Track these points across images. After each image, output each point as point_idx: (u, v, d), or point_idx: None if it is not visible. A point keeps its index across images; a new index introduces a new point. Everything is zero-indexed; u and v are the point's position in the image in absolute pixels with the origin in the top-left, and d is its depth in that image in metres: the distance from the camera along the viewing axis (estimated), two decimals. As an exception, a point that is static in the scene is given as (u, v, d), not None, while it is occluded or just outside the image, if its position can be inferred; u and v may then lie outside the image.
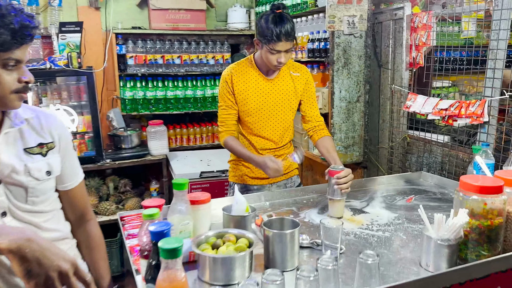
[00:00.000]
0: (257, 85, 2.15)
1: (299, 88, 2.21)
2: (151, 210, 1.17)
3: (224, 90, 2.15)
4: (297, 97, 2.22)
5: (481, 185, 1.36)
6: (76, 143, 3.25)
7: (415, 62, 2.55)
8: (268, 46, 1.98)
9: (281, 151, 2.28)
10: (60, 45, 3.28)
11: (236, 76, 2.14)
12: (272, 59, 2.01)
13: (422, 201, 2.08)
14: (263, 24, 1.98)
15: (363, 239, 1.66)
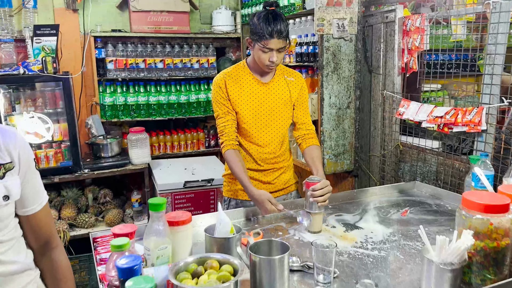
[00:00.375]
0: (251, 90, 2.03)
1: (294, 93, 2.10)
2: (120, 240, 1.03)
3: (218, 97, 2.02)
4: (292, 103, 2.12)
5: (486, 203, 1.25)
6: (51, 152, 3.07)
7: (407, 67, 2.45)
8: (260, 43, 1.88)
9: (281, 163, 2.16)
10: (35, 49, 3.11)
11: (230, 80, 2.01)
12: (264, 58, 1.91)
13: (418, 214, 1.97)
14: (255, 21, 1.89)
15: (357, 259, 1.53)
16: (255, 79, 2.04)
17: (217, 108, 2.03)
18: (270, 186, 2.14)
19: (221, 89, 2.01)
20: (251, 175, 2.10)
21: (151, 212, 1.36)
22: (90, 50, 3.48)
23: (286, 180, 2.17)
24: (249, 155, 2.08)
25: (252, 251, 1.33)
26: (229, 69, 2.07)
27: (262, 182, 2.12)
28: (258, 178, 2.11)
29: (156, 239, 1.35)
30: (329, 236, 1.73)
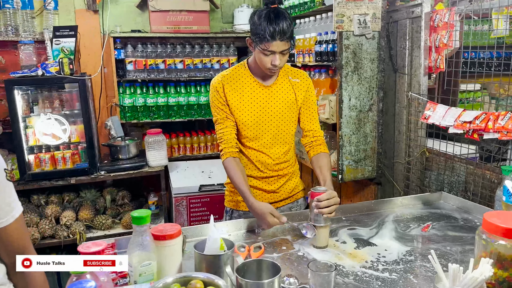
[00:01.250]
0: (252, 94, 1.88)
1: (299, 96, 1.94)
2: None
3: (216, 101, 1.87)
4: (298, 106, 1.95)
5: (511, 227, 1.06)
6: (68, 154, 3.07)
7: (435, 66, 2.24)
8: (261, 46, 1.72)
9: (286, 170, 1.99)
10: (54, 50, 3.12)
11: (228, 84, 1.86)
12: (266, 61, 1.76)
13: (441, 229, 1.78)
14: (256, 21, 1.73)
15: (364, 282, 1.37)
16: (257, 81, 1.89)
17: (215, 113, 1.90)
18: (275, 195, 2.00)
19: (219, 93, 1.86)
20: (254, 184, 1.96)
21: (134, 226, 1.26)
22: (109, 51, 3.46)
23: (292, 188, 2.02)
24: (251, 162, 1.94)
25: (240, 273, 1.21)
26: (228, 71, 1.93)
27: (266, 191, 1.98)
28: (261, 187, 1.97)
29: (139, 255, 1.26)
30: (337, 253, 1.58)
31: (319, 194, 1.59)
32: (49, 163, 3.05)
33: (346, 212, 1.95)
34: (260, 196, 1.97)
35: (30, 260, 0.95)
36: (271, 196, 1.98)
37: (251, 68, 1.90)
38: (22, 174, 2.97)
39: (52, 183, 3.05)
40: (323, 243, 1.62)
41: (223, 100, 1.86)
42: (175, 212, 3.15)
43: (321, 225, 1.60)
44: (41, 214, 3.18)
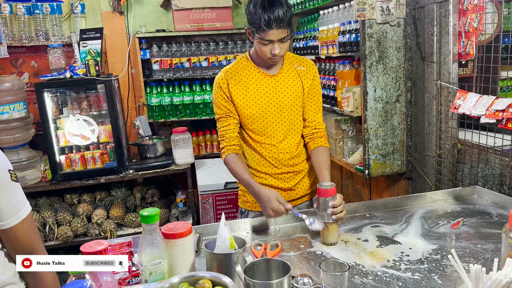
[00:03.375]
0: (258, 85, 1.82)
1: (306, 84, 1.87)
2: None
3: (219, 98, 1.82)
4: (305, 95, 1.89)
5: (541, 224, 0.96)
6: (97, 154, 3.14)
7: (465, 52, 2.10)
8: (258, 35, 1.66)
9: (300, 165, 1.93)
10: (82, 53, 3.19)
11: (232, 79, 1.81)
12: (265, 51, 1.70)
13: (473, 226, 1.66)
14: (251, 9, 1.66)
15: (384, 283, 1.30)
16: (261, 72, 1.83)
17: (218, 110, 1.84)
18: (292, 192, 1.94)
19: (222, 89, 1.81)
20: (270, 182, 1.90)
21: (143, 225, 1.25)
22: (135, 51, 3.51)
23: (309, 185, 1.96)
24: (264, 158, 1.88)
25: (249, 272, 1.17)
26: (230, 65, 1.87)
27: (283, 190, 1.91)
28: (277, 185, 1.90)
29: (148, 254, 1.25)
30: (357, 252, 1.51)
31: (326, 191, 1.56)
32: (80, 163, 3.13)
33: (371, 209, 1.87)
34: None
35: (30, 260, 0.95)
36: (287, 194, 1.93)
37: (253, 59, 1.85)
38: (54, 174, 3.06)
39: (82, 182, 3.13)
40: (333, 239, 1.57)
41: (227, 97, 1.81)
42: (201, 209, 3.16)
43: (331, 222, 1.55)
44: (74, 212, 3.28)
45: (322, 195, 1.56)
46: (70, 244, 3.13)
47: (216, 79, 1.85)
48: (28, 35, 3.28)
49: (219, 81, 1.83)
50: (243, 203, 2.00)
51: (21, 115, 3.01)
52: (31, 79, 3.49)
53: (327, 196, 1.55)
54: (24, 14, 3.21)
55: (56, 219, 3.18)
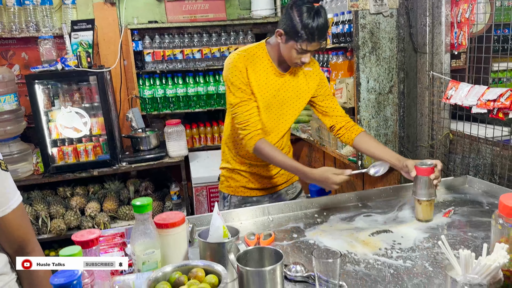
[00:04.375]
0: (268, 79, 1.81)
1: (312, 84, 1.89)
2: (70, 250, 0.92)
3: (238, 81, 1.75)
4: (309, 95, 1.91)
5: (530, 210, 0.98)
6: (90, 146, 3.12)
7: (457, 43, 2.11)
8: (298, 44, 1.65)
9: None
10: (73, 44, 3.16)
11: (250, 66, 1.78)
12: (296, 58, 1.71)
13: (465, 215, 1.68)
14: (296, 18, 1.63)
15: (376, 270, 1.31)
16: (273, 67, 1.82)
17: (237, 94, 1.76)
18: (273, 180, 1.99)
19: (242, 73, 1.76)
20: (255, 170, 1.94)
21: (136, 215, 1.25)
22: (127, 43, 3.48)
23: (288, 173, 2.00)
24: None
25: (242, 261, 1.17)
26: (248, 50, 1.81)
27: (265, 177, 1.96)
28: (261, 173, 1.95)
29: (141, 243, 1.25)
30: (350, 240, 1.52)
31: (427, 169, 1.59)
32: (72, 156, 3.11)
33: (364, 199, 1.88)
34: (259, 181, 1.96)
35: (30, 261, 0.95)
36: (269, 182, 1.97)
37: (270, 53, 1.82)
38: (46, 167, 3.04)
39: (75, 175, 3.12)
40: (430, 216, 1.63)
41: (246, 81, 1.76)
42: (195, 202, 3.16)
43: (432, 199, 1.61)
44: (67, 205, 3.27)
45: (423, 173, 1.60)
46: (63, 237, 3.12)
47: (234, 63, 1.76)
48: (18, 26, 3.24)
49: (239, 65, 1.76)
50: (226, 188, 2.01)
51: (12, 108, 2.98)
52: (21, 71, 3.46)
53: (428, 175, 1.60)
54: (14, 5, 3.17)
55: (49, 212, 3.17)
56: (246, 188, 1.96)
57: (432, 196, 1.61)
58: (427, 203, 1.61)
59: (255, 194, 1.98)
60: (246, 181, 1.95)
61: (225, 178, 2.01)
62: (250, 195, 1.98)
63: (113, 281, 1.15)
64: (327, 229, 1.62)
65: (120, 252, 1.38)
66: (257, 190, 1.98)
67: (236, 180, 1.96)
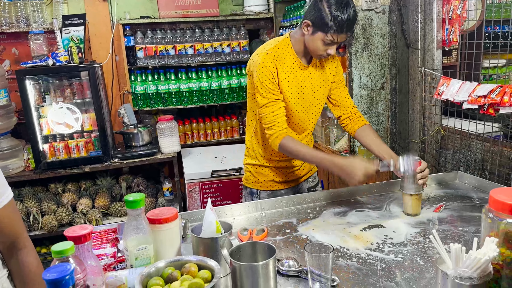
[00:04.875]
0: (294, 74, 1.82)
1: (329, 74, 1.90)
2: (62, 245, 0.91)
3: (268, 81, 1.73)
4: (328, 85, 1.92)
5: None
6: (82, 142, 3.10)
7: (448, 39, 2.12)
8: (326, 35, 1.66)
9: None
10: (64, 39, 3.13)
11: (279, 64, 1.78)
12: (321, 49, 1.71)
13: (455, 209, 1.70)
14: (325, 8, 1.64)
15: (367, 265, 1.32)
16: (298, 61, 1.82)
17: (265, 94, 1.75)
18: (298, 172, 2.02)
19: (272, 73, 1.75)
20: (282, 165, 1.96)
21: (128, 210, 1.25)
22: (119, 38, 3.45)
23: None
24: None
25: (235, 256, 1.18)
26: (274, 48, 1.80)
27: (291, 170, 1.99)
28: (287, 165, 1.97)
29: (134, 239, 1.24)
30: (342, 235, 1.53)
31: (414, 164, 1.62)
32: (64, 152, 3.09)
33: (356, 194, 1.89)
34: (286, 174, 1.98)
35: None
36: (294, 174, 2.00)
37: (294, 47, 1.81)
38: (37, 163, 3.02)
39: (67, 171, 3.09)
40: (418, 210, 1.65)
41: (276, 81, 1.77)
42: (188, 198, 3.16)
43: (419, 193, 1.63)
44: (59, 202, 3.24)
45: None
46: (55, 233, 3.10)
47: (264, 63, 1.75)
48: (8, 21, 3.20)
49: (269, 65, 1.75)
50: (254, 183, 2.00)
51: (2, 103, 2.94)
52: (12, 67, 3.42)
53: (414, 169, 1.62)
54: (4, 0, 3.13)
55: (40, 209, 3.14)
56: (275, 182, 1.98)
57: (419, 190, 1.63)
58: (415, 197, 1.63)
59: (283, 187, 2.00)
60: (274, 175, 1.97)
61: (252, 174, 2.00)
62: (279, 189, 1.99)
63: (105, 277, 1.15)
64: (319, 224, 1.63)
65: (112, 248, 1.38)
66: (284, 183, 2.00)
67: (264, 175, 1.97)
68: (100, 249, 1.42)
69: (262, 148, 1.94)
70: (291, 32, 1.85)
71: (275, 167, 1.97)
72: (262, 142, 1.94)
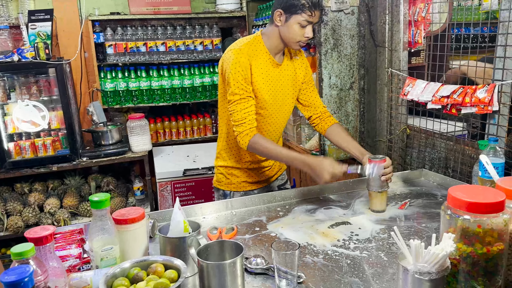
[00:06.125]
0: (267, 71, 1.80)
1: (299, 74, 1.91)
2: (22, 247, 0.89)
3: (240, 77, 1.71)
4: (299, 86, 1.93)
5: (475, 201, 1.03)
6: (49, 141, 3.03)
7: (414, 41, 2.18)
8: (301, 15, 1.66)
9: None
10: (31, 35, 3.04)
11: (253, 61, 1.76)
12: (300, 34, 1.70)
13: (419, 206, 1.75)
14: None
15: (333, 261, 1.35)
16: (271, 59, 1.81)
17: (237, 90, 1.72)
18: (268, 172, 2.02)
19: (246, 69, 1.73)
20: (250, 166, 1.96)
21: (93, 210, 1.23)
22: (88, 34, 3.38)
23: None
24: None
25: (203, 255, 1.18)
26: (247, 45, 1.78)
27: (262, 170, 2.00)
28: (256, 166, 1.97)
29: (99, 239, 1.23)
30: (310, 232, 1.55)
31: (378, 162, 1.66)
32: (30, 151, 3.01)
33: (325, 192, 1.92)
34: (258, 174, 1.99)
35: None
36: (265, 174, 2.01)
37: (266, 44, 1.80)
38: (2, 162, 2.93)
39: (33, 170, 3.01)
40: (383, 206, 1.69)
41: (249, 78, 1.74)
42: (160, 197, 3.13)
43: (384, 190, 1.67)
44: (25, 202, 3.16)
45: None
46: (21, 235, 3.01)
47: (238, 58, 1.73)
48: (-30, 15, 3.09)
49: (242, 60, 1.73)
50: (227, 185, 1.99)
51: (-36, 100, 2.84)
52: (-25, 62, 3.29)
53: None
54: (-34, -7, 3.01)
55: (5, 209, 3.05)
56: (247, 182, 1.98)
57: (384, 188, 1.67)
58: (380, 195, 1.68)
59: (256, 187, 2.00)
60: (247, 176, 1.97)
61: (224, 175, 1.98)
62: (252, 189, 1.99)
63: (69, 278, 1.13)
64: (289, 222, 1.65)
65: (78, 249, 1.36)
66: (257, 183, 2.00)
67: (237, 176, 1.96)
68: (65, 250, 1.39)
69: (235, 150, 1.94)
70: (261, 30, 1.85)
71: (248, 169, 1.97)
72: (235, 144, 1.93)
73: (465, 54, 1.98)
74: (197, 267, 1.19)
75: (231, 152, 1.94)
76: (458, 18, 2.06)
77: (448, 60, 2.30)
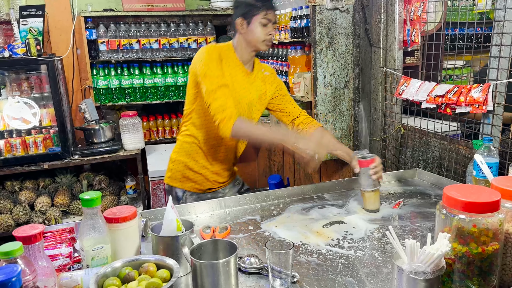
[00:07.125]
0: (237, 76, 1.82)
1: (269, 88, 1.94)
2: (10, 246, 0.87)
3: (214, 68, 1.70)
4: (268, 98, 1.96)
5: (470, 200, 1.02)
6: (40, 138, 2.99)
7: (410, 40, 2.18)
8: (260, 15, 1.73)
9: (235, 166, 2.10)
10: (22, 31, 3.00)
11: (224, 60, 1.78)
12: (265, 33, 1.76)
13: (413, 206, 1.75)
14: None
15: (327, 260, 1.34)
16: (240, 67, 1.84)
17: (214, 80, 1.69)
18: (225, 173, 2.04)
19: (217, 63, 1.73)
20: (204, 172, 1.96)
21: (84, 209, 1.21)
22: (80, 31, 3.34)
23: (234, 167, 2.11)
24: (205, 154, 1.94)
25: (196, 254, 1.16)
26: (220, 46, 1.83)
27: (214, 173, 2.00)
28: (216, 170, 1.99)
29: (90, 238, 1.21)
30: (304, 232, 1.54)
31: (370, 161, 1.65)
32: (21, 148, 2.97)
33: (319, 191, 1.91)
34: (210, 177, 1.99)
35: None
36: (217, 178, 2.02)
37: (236, 52, 1.84)
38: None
39: (24, 168, 2.97)
40: (376, 205, 1.68)
41: (221, 69, 1.74)
42: (152, 196, 3.10)
43: (376, 189, 1.66)
44: (16, 200, 3.11)
45: (365, 165, 1.65)
46: (11, 233, 2.97)
47: (209, 53, 1.74)
48: (-40, 10, 3.04)
49: (215, 56, 1.74)
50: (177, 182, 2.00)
51: (-47, 97, 2.80)
52: (-36, 58, 3.24)
53: (368, 166, 1.65)
54: (-45, -13, 2.96)
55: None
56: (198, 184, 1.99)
57: (376, 186, 1.67)
58: (372, 194, 1.67)
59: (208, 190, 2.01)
60: (200, 178, 1.97)
61: (180, 171, 1.98)
62: (204, 192, 2.00)
63: (59, 277, 1.11)
64: (282, 221, 1.63)
65: (68, 248, 1.33)
66: (211, 182, 2.00)
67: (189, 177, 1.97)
68: (56, 249, 1.37)
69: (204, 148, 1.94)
70: (231, 41, 1.88)
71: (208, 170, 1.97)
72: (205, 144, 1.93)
73: (460, 54, 1.98)
74: (190, 266, 1.18)
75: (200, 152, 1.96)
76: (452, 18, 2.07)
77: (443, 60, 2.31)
